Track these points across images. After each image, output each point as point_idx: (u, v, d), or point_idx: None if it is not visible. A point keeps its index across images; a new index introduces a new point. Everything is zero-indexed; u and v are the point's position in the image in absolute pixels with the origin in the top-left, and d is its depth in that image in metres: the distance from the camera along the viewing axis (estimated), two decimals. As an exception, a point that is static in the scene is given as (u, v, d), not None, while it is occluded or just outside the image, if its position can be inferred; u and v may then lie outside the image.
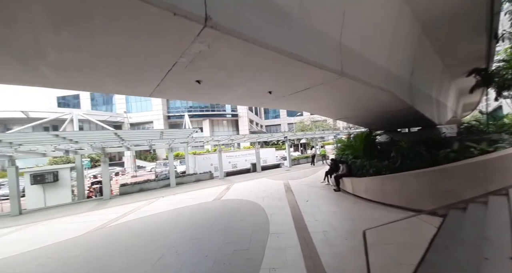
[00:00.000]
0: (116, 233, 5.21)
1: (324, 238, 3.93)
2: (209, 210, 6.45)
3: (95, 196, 12.06)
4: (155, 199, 8.54)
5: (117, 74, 3.04)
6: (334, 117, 9.63)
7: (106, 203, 8.76)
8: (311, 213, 5.32)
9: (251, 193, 8.18)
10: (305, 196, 6.98)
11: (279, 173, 12.90)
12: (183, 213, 6.36)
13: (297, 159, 17.74)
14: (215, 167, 13.91)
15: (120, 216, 6.55)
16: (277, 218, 5.18)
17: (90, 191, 12.51)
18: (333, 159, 8.67)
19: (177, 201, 7.96)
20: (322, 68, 3.39)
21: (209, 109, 38.87)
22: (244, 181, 11.16)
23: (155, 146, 11.04)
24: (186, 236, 4.59)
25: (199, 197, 8.28)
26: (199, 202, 7.41)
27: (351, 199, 6.31)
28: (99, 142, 8.54)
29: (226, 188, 9.52)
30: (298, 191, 7.77)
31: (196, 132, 10.45)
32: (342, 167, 7.46)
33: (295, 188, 8.40)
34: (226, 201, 7.30)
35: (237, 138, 12.31)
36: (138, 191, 10.53)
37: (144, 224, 5.71)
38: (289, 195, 7.32)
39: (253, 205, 6.45)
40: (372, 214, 4.93)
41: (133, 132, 10.10)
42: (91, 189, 12.61)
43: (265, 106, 6.24)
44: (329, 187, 8.09)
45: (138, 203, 8.17)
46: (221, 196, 8.13)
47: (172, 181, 10.94)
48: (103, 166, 9.41)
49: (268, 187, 8.97)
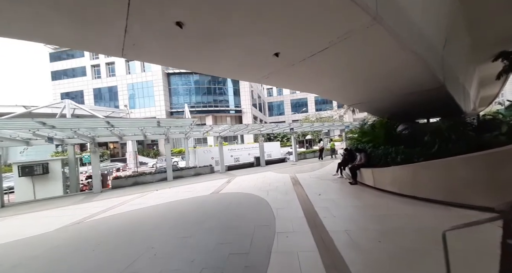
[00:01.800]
0: (91, 230, 4.37)
1: (348, 240, 2.96)
2: (204, 204, 5.55)
3: (89, 189, 11.41)
4: (148, 193, 7.71)
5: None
6: (347, 102, 8.55)
7: (94, 197, 8.00)
8: (326, 208, 4.35)
9: (254, 186, 7.26)
10: (316, 190, 5.99)
11: (284, 167, 11.92)
12: (174, 207, 5.48)
13: (303, 153, 16.70)
14: (216, 161, 13.04)
15: (103, 210, 5.73)
16: (285, 214, 4.23)
17: (84, 185, 11.87)
18: (346, 149, 7.63)
19: (171, 194, 7.11)
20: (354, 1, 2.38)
21: (212, 105, 38.08)
22: (246, 174, 10.25)
23: (150, 136, 10.23)
24: (171, 235, 3.70)
25: (196, 190, 7.41)
26: (195, 196, 6.53)
27: (373, 192, 5.29)
28: (87, 130, 7.75)
29: (226, 182, 8.63)
30: (308, 184, 6.79)
31: (195, 122, 9.57)
32: (359, 156, 6.43)
33: (304, 181, 7.42)
34: (225, 195, 6.39)
35: (239, 128, 11.37)
36: (132, 185, 9.76)
37: (127, 219, 4.85)
38: (298, 189, 6.35)
39: (256, 199, 5.52)
40: (404, 210, 3.92)
41: (125, 120, 9.30)
42: (86, 182, 11.97)
43: (268, 83, 5.26)
44: (342, 180, 7.07)
45: (129, 196, 7.36)
46: (220, 189, 7.23)
47: (169, 175, 10.11)
48: (93, 157, 8.65)
49: (273, 180, 8.02)
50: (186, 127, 9.22)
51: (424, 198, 4.22)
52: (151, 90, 36.01)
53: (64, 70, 38.17)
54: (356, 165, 6.33)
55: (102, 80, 36.77)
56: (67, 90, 37.81)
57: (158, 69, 34.77)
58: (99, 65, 37.07)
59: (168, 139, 10.08)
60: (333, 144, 14.56)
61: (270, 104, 59.84)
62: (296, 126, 13.06)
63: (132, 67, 36.88)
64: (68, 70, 38.21)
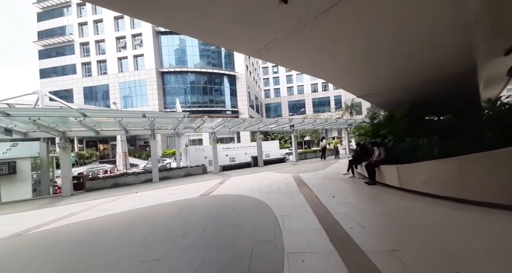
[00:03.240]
0: (25, 246, 3.16)
1: (402, 268, 1.87)
2: (188, 210, 4.39)
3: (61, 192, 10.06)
4: (124, 195, 6.49)
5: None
6: (358, 90, 7.54)
7: (61, 200, 6.73)
8: (348, 215, 3.25)
9: (251, 187, 6.13)
10: (327, 191, 4.91)
11: (285, 167, 10.83)
12: (148, 214, 4.30)
13: (304, 153, 15.66)
14: (209, 160, 11.86)
15: (59, 218, 4.50)
16: (293, 223, 3.13)
17: (58, 187, 10.50)
18: (359, 144, 6.59)
19: (152, 197, 5.92)
20: None
21: (208, 105, 36.92)
22: (243, 174, 9.11)
23: (134, 131, 9.02)
24: (131, 256, 2.54)
25: (183, 192, 6.23)
26: (179, 199, 5.35)
27: (400, 194, 4.23)
28: (54, 121, 6.53)
29: (219, 182, 7.46)
30: (315, 185, 5.70)
31: (186, 116, 8.44)
32: (377, 151, 5.39)
33: (310, 181, 6.33)
34: (216, 197, 5.24)
35: (234, 123, 10.25)
36: (111, 187, 8.49)
37: (80, 231, 3.65)
38: (305, 190, 5.25)
39: (254, 203, 4.40)
40: (460, 219, 2.86)
41: (102, 111, 8.09)
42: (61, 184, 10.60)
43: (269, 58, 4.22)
44: (355, 180, 6.01)
45: (100, 200, 6.12)
46: (211, 191, 6.07)
47: (154, 175, 8.88)
48: (62, 155, 7.38)
49: (274, 181, 6.91)
50: (174, 121, 8.06)
51: (479, 201, 3.17)
52: (144, 89, 34.75)
53: (53, 67, 36.59)
54: (374, 162, 5.28)
55: (93, 78, 35.35)
56: (56, 89, 36.16)
57: (152, 67, 33.65)
58: (90, 62, 35.66)
59: (154, 135, 8.89)
60: (336, 142, 13.51)
61: (268, 105, 59.08)
62: (297, 123, 12.02)
63: (124, 65, 35.62)
64: (57, 67, 36.66)
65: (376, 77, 5.84)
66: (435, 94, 7.09)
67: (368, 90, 7.19)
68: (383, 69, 5.15)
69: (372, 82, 6.29)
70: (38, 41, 34.92)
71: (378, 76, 5.68)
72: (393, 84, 6.27)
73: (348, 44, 3.90)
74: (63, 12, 35.65)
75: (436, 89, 6.50)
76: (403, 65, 4.83)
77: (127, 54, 34.35)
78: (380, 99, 8.43)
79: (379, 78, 5.85)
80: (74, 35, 34.92)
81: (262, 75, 59.08)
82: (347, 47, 4.03)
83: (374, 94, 7.54)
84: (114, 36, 34.41)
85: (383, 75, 5.61)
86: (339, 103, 55.13)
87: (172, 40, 35.81)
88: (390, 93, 7.13)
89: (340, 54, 4.34)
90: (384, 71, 5.26)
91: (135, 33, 34.08)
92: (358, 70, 5.26)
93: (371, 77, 5.82)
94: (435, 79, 5.67)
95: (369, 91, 7.25)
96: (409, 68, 5.06)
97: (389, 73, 5.46)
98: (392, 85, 6.34)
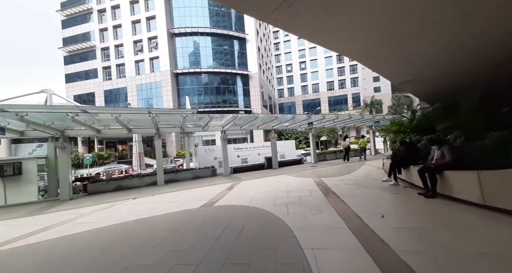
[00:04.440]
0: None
1: None
2: (181, 229, 3.35)
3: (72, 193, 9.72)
4: (121, 202, 5.68)
5: None
6: (397, 77, 6.06)
7: (55, 206, 6.11)
8: (427, 258, 1.96)
9: (265, 195, 4.98)
10: (369, 206, 3.59)
11: (303, 170, 9.52)
12: (129, 236, 3.31)
13: (323, 154, 14.13)
14: (219, 162, 10.91)
15: (36, 231, 3.71)
16: (334, 267, 1.92)
17: (67, 189, 10.21)
18: (404, 142, 5.11)
19: (148, 206, 5.01)
20: None
21: (221, 105, 36.47)
22: (255, 178, 7.98)
23: (137, 130, 8.35)
24: None
25: (184, 200, 5.26)
26: (176, 210, 4.35)
27: (491, 217, 2.80)
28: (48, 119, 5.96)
29: (228, 188, 6.41)
30: (348, 195, 4.38)
31: (194, 113, 7.56)
32: (437, 152, 3.94)
33: (339, 189, 5.01)
34: (220, 210, 4.16)
35: (246, 120, 9.14)
36: (113, 190, 7.85)
37: (40, 254, 2.76)
38: (335, 202, 3.98)
39: (269, 221, 3.24)
40: None
41: (99, 107, 7.46)
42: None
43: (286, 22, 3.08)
44: (400, 189, 4.59)
45: (93, 207, 5.35)
46: (217, 199, 5.02)
47: (159, 178, 8.09)
48: (61, 155, 6.84)
49: (293, 187, 5.68)
50: (180, 118, 7.19)
51: None
52: (160, 90, 35.28)
53: (77, 72, 38.64)
54: (434, 166, 3.85)
55: (113, 81, 36.68)
56: (79, 93, 38.18)
57: (167, 69, 34.06)
58: (110, 66, 37.07)
59: (159, 133, 8.13)
60: (364, 141, 11.82)
61: (281, 105, 57.55)
62: (316, 119, 10.61)
63: (141, 68, 36.52)
64: (80, 72, 38.63)
65: (429, 55, 4.38)
66: (492, 85, 5.39)
67: (412, 75, 5.69)
68: (442, 41, 3.71)
69: (422, 62, 4.82)
70: (63, 47, 37.06)
71: (432, 53, 4.23)
72: (451, 64, 4.76)
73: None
74: (85, 18, 37.52)
75: (503, 75, 4.86)
76: (478, 29, 3.37)
77: (144, 57, 35.15)
78: (424, 88, 6.83)
79: (433, 56, 4.39)
80: (95, 41, 36.58)
81: (275, 75, 57.76)
82: (399, 6, 2.73)
83: (418, 81, 6.01)
84: (131, 40, 35.43)
85: (440, 51, 4.14)
86: (357, 101, 51.98)
87: (186, 42, 36.04)
88: (444, 78, 5.57)
89: (387, 17, 3.03)
90: (444, 43, 3.80)
91: (151, 36, 34.77)
92: (408, 44, 3.87)
93: (422, 55, 4.38)
94: (507, 59, 4.09)
95: (413, 77, 5.75)
96: (485, 32, 3.56)
97: (450, 49, 3.99)
98: (449, 66, 4.82)
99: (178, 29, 34.12)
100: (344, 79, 54.64)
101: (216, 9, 36.07)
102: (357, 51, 4.46)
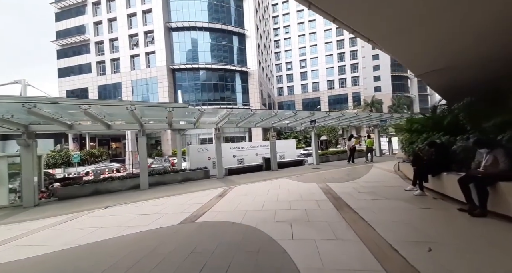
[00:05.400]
0: None
1: None
2: (141, 263, 2.39)
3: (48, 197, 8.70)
4: (90, 212, 4.70)
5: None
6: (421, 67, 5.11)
7: (13, 215, 5.13)
8: None
9: (261, 207, 4.04)
10: (399, 228, 2.66)
11: (305, 172, 8.59)
12: (74, 267, 2.36)
13: (325, 154, 13.23)
14: (214, 162, 9.95)
15: None
16: None
17: (41, 192, 9.19)
18: (434, 143, 4.16)
19: (117, 219, 4.04)
20: None
21: (218, 102, 35.37)
22: (252, 182, 7.04)
23: (116, 125, 7.32)
24: None
25: (164, 211, 4.30)
26: (149, 228, 3.39)
27: None
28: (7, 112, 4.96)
29: (219, 195, 5.45)
30: (367, 210, 3.45)
31: (187, 106, 6.60)
32: (487, 157, 3.02)
33: (352, 200, 4.08)
34: (202, 230, 3.20)
35: (243, 116, 8.15)
36: (90, 194, 6.86)
37: None
38: (353, 220, 3.04)
39: (267, 254, 2.30)
40: None
41: (68, 99, 6.46)
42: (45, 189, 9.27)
43: None
44: (429, 201, 3.67)
45: (50, 219, 4.36)
46: (203, 211, 4.06)
47: (143, 181, 7.11)
48: (24, 154, 5.84)
49: (296, 195, 4.74)
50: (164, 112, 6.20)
51: None
52: (156, 86, 34.10)
53: (70, 67, 37.30)
54: (483, 175, 2.93)
55: (107, 77, 35.42)
56: (72, 88, 36.89)
57: (163, 65, 32.91)
58: (104, 61, 35.78)
59: (142, 130, 7.14)
60: (371, 141, 10.88)
61: (280, 104, 56.54)
62: (319, 117, 9.66)
63: (137, 63, 35.29)
64: (74, 67, 37.30)
65: (466, 41, 3.44)
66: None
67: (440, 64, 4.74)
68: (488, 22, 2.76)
69: (455, 49, 3.88)
70: (56, 40, 35.69)
71: (470, 38, 3.29)
72: (490, 52, 3.82)
73: None
74: (79, 11, 36.12)
75: None
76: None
77: (139, 52, 33.91)
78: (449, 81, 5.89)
79: (471, 42, 3.44)
80: (89, 34, 35.25)
81: (275, 72, 56.71)
82: None
83: (444, 72, 5.07)
84: (127, 34, 34.14)
85: (480, 35, 3.20)
86: (358, 100, 51.23)
87: (183, 37, 34.81)
88: (479, 69, 4.64)
89: None
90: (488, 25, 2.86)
91: (147, 30, 33.53)
92: (439, 21, 2.92)
93: (457, 40, 3.43)
94: None
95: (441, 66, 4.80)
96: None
97: (496, 32, 3.05)
98: (488, 54, 3.88)
99: (175, 23, 32.90)
100: (345, 78, 53.81)
101: (215, 3, 34.84)
102: (378, 29, 3.51)
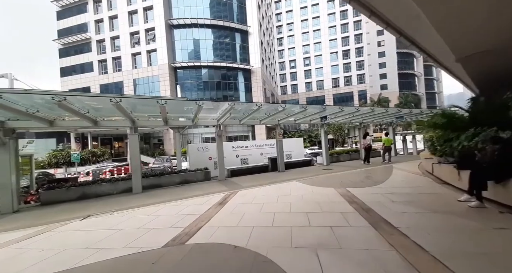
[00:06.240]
0: None
1: None
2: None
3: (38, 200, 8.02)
4: (62, 224, 3.91)
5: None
6: (469, 47, 4.16)
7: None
8: None
9: (272, 222, 3.17)
10: (477, 261, 1.78)
11: (316, 174, 7.69)
12: None
13: (335, 154, 12.28)
14: (215, 162, 9.13)
15: None
16: None
17: (31, 194, 8.52)
18: (498, 139, 3.20)
19: (91, 236, 3.24)
20: None
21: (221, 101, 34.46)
22: (257, 186, 6.17)
23: (105, 122, 6.53)
24: None
25: (151, 224, 3.48)
26: (125, 252, 2.57)
27: None
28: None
29: (219, 202, 4.60)
30: (417, 230, 2.55)
31: (183, 100, 5.78)
32: None
33: (389, 213, 3.17)
34: (193, 258, 2.36)
35: (246, 111, 7.27)
36: (77, 199, 6.11)
37: None
38: (403, 246, 2.15)
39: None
40: None
41: (47, 90, 5.69)
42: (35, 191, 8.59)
43: None
44: (496, 216, 2.74)
45: (20, 232, 3.60)
46: (199, 225, 3.23)
47: (135, 184, 6.33)
48: (0, 153, 5.11)
49: (312, 205, 3.86)
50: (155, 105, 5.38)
51: None
52: (157, 85, 33.54)
53: (72, 66, 37.05)
54: None
55: (109, 75, 35.03)
56: (74, 87, 36.61)
57: (165, 62, 32.28)
58: (106, 60, 35.37)
59: (135, 127, 6.36)
60: (390, 140, 9.85)
61: (284, 102, 55.47)
62: (331, 112, 8.71)
63: (138, 62, 34.79)
64: (76, 66, 37.03)
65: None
66: None
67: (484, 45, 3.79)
68: None
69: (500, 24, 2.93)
70: (58, 39, 35.40)
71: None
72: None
73: None
74: (80, 9, 35.75)
75: None
76: None
77: (141, 50, 33.37)
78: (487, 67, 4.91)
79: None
80: (91, 33, 34.87)
81: (278, 71, 55.67)
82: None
83: (487, 54, 4.11)
84: (128, 31, 33.64)
85: None
86: (364, 98, 49.84)
87: (185, 34, 34.10)
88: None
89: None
90: None
91: (149, 27, 32.94)
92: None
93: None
94: None
95: (489, 46, 3.85)
96: None
97: None
98: None
99: (177, 20, 32.18)
100: (350, 76, 52.45)
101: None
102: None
